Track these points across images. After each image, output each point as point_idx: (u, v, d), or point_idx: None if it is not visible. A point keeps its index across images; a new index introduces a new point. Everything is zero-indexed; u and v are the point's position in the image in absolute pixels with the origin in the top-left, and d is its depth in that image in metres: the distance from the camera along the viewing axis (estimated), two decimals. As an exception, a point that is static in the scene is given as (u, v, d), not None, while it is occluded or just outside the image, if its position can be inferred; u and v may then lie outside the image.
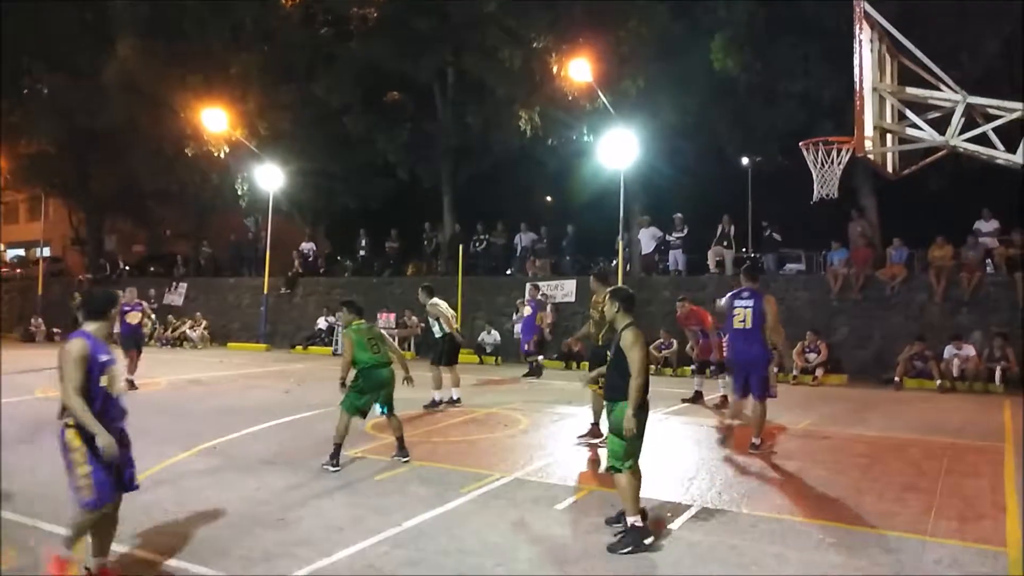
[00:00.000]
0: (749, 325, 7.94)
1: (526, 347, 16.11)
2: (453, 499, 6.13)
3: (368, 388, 7.29)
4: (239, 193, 24.67)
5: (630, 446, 5.08)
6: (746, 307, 7.99)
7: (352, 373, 7.35)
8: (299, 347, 21.10)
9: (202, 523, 5.54)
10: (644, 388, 5.04)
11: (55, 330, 25.04)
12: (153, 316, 13.36)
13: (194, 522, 5.55)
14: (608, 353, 5.38)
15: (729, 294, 8.41)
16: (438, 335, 11.15)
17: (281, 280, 23.31)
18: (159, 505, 6.01)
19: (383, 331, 7.71)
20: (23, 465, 7.10)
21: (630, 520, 5.02)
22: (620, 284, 17.46)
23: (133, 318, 12.85)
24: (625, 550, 4.90)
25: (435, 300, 11.20)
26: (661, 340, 16.10)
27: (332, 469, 7.01)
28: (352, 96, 22.62)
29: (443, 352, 11.04)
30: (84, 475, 4.29)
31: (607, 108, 17.29)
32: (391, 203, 26.37)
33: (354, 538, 5.17)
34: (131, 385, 12.01)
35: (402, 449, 7.42)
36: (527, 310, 16.40)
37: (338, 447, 7.17)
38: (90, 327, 4.47)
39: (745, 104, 18.04)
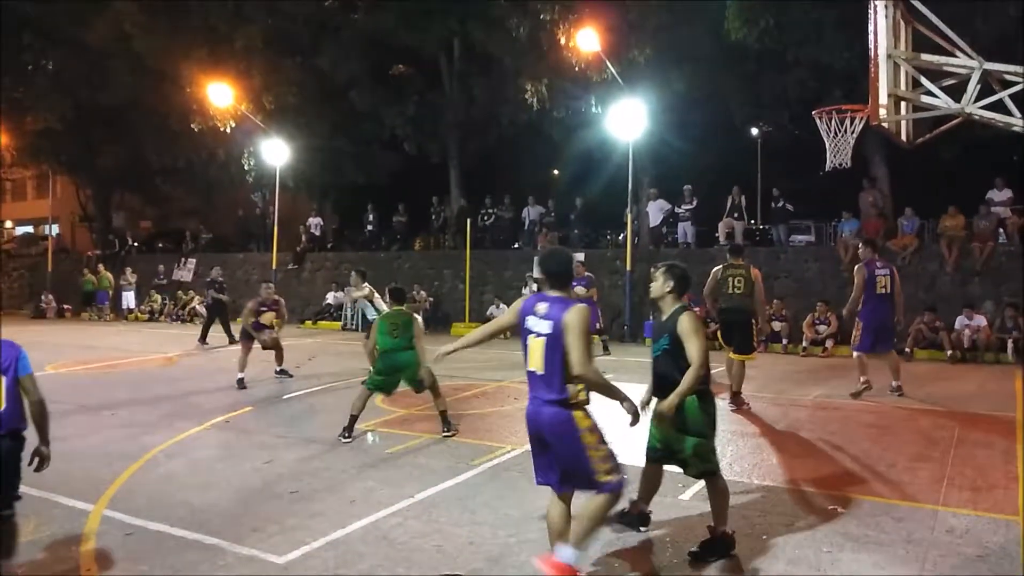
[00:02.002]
0: (889, 290, 9.19)
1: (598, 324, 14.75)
2: (465, 471, 6.16)
3: (386, 371, 7.49)
4: (246, 168, 24.63)
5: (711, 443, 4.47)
6: (886, 275, 9.23)
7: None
8: (308, 322, 21.16)
9: (216, 496, 5.59)
10: (705, 379, 4.39)
11: (65, 306, 25.21)
12: (284, 317, 11.70)
13: (208, 495, 5.60)
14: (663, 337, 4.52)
15: (863, 265, 9.28)
16: (372, 317, 11.13)
17: (289, 255, 23.33)
18: (173, 478, 6.07)
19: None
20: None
21: (723, 528, 4.46)
22: (629, 258, 17.49)
23: (266, 319, 11.23)
24: (713, 558, 4.38)
25: (367, 286, 11.07)
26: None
27: (344, 440, 7.19)
28: (358, 69, 22.43)
29: None
30: (606, 455, 3.85)
31: (615, 78, 17.09)
32: (398, 177, 26.28)
33: (367, 510, 5.20)
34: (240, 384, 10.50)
35: (446, 423, 7.53)
36: (580, 290, 14.45)
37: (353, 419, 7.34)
38: (559, 294, 3.95)
39: (755, 72, 17.81)
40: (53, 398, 4.43)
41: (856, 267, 9.51)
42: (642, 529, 4.79)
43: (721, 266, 8.97)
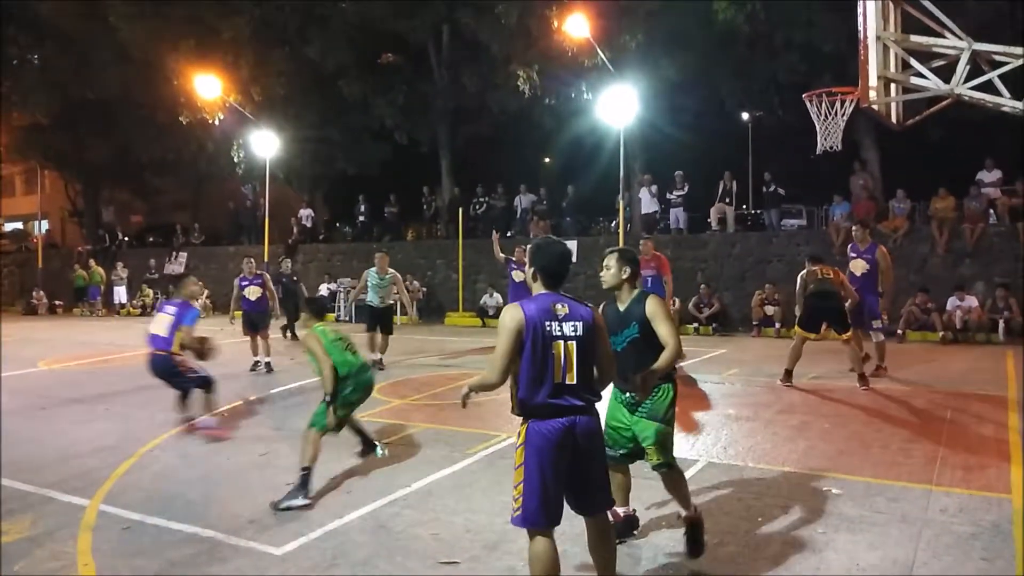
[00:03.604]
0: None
1: None
2: (460, 460, 6.17)
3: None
4: (235, 161, 24.50)
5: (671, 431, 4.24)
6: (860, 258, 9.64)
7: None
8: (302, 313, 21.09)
9: (212, 489, 5.59)
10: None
11: (57, 302, 25.09)
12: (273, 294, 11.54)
13: (204, 488, 5.60)
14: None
15: (880, 245, 9.83)
16: (383, 305, 11.42)
17: (281, 247, 23.25)
18: (169, 472, 6.06)
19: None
20: (31, 436, 7.15)
21: (686, 512, 4.23)
22: (622, 245, 17.46)
23: (252, 293, 11.27)
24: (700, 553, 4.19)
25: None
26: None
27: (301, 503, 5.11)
28: (346, 59, 22.30)
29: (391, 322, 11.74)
30: None
31: (606, 65, 17.04)
32: (389, 168, 26.20)
33: (364, 500, 5.21)
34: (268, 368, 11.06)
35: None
36: (518, 275, 14.60)
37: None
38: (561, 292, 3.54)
39: (745, 56, 17.80)
40: (47, 394, 4.40)
41: (881, 249, 9.58)
42: (636, 533, 4.54)
43: (805, 271, 9.37)
